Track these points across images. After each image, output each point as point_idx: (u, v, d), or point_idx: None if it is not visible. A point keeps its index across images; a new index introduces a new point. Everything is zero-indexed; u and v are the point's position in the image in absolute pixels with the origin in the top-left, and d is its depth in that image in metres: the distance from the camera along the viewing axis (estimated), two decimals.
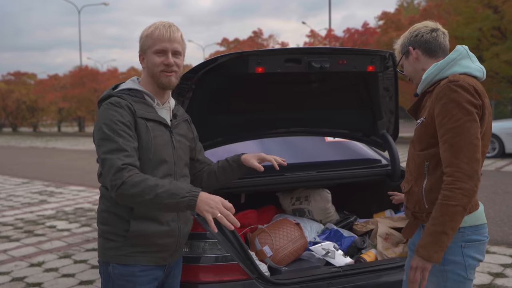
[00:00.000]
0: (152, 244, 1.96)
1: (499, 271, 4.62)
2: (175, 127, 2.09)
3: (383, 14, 20.33)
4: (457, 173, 1.83)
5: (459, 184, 1.82)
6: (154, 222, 1.94)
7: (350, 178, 3.22)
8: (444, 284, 1.99)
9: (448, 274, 1.98)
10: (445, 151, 1.88)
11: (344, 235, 3.01)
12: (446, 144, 1.87)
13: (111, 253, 1.96)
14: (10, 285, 4.50)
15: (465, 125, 1.85)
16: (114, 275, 1.96)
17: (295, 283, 2.46)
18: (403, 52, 2.18)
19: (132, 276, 1.95)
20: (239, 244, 2.44)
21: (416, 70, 2.15)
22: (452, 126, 1.86)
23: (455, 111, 1.87)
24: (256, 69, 2.60)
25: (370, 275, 2.59)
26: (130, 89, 2.04)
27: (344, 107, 3.33)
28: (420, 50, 2.12)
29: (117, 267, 1.95)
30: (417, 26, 2.17)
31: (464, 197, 1.82)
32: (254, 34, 30.59)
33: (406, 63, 2.19)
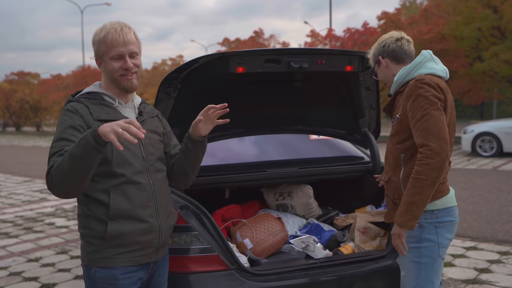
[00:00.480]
0: (133, 242, 1.95)
1: (485, 266, 4.72)
2: (141, 124, 2.05)
3: (383, 14, 20.39)
4: (426, 151, 2.10)
5: (427, 160, 2.09)
6: (131, 220, 1.93)
7: (332, 174, 3.34)
8: (419, 260, 2.29)
9: (422, 250, 2.28)
10: (417, 137, 2.15)
11: (324, 229, 3.13)
12: (418, 130, 2.15)
13: (92, 256, 1.95)
14: (7, 279, 4.63)
15: (431, 113, 2.12)
16: (96, 279, 1.95)
17: (272, 274, 2.57)
18: (375, 61, 2.50)
19: (115, 279, 1.94)
20: (219, 237, 2.55)
21: (387, 76, 2.46)
22: (421, 115, 2.14)
23: (422, 103, 2.15)
24: (237, 69, 2.72)
25: (346, 266, 2.70)
26: (89, 92, 2.07)
27: (327, 106, 3.44)
28: (388, 58, 2.43)
29: (99, 271, 1.95)
30: (384, 38, 2.47)
31: (432, 171, 2.08)
32: (255, 34, 30.70)
33: (378, 70, 2.51)
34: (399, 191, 2.32)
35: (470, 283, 4.30)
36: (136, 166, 1.97)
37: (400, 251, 2.28)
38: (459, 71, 19.15)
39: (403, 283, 2.41)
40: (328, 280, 2.62)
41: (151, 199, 2.00)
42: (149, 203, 1.99)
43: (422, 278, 2.30)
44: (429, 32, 18.11)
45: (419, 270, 2.30)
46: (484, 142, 13.68)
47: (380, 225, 3.09)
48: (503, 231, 6.05)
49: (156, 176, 2.05)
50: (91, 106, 1.98)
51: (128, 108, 2.09)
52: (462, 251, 5.24)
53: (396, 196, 2.36)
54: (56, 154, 1.83)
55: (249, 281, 2.50)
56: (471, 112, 40.99)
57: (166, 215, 2.08)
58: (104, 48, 1.99)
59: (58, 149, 1.84)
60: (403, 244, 2.24)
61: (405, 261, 2.35)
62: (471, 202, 7.77)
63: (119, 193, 1.92)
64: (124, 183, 1.93)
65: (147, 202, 1.98)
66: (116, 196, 1.91)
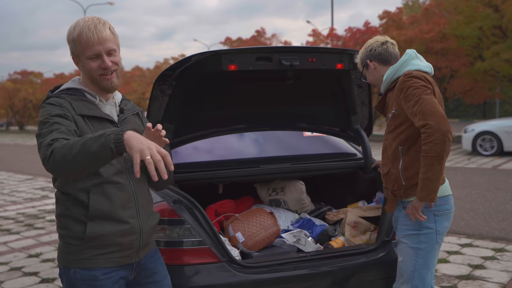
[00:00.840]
0: (112, 244, 1.88)
1: (479, 263, 4.77)
2: (122, 122, 2.00)
3: (384, 13, 20.42)
4: (427, 129, 2.23)
5: (430, 138, 2.23)
6: (111, 221, 1.86)
7: (324, 170, 3.40)
8: (417, 246, 2.44)
9: (421, 237, 2.44)
10: (418, 121, 2.28)
11: (316, 223, 3.19)
12: (416, 116, 2.28)
13: (71, 257, 1.88)
14: (8, 274, 4.71)
15: (423, 97, 2.28)
16: (76, 280, 1.88)
17: (263, 266, 2.63)
18: (363, 65, 2.66)
19: (95, 280, 1.88)
20: (211, 230, 2.62)
21: (376, 78, 2.63)
22: (415, 101, 2.30)
23: (414, 91, 2.32)
24: (229, 66, 2.77)
25: (335, 260, 2.76)
26: (69, 88, 1.99)
27: (320, 104, 3.50)
28: (376, 61, 2.60)
29: (78, 272, 1.88)
30: (369, 42, 2.66)
31: (436, 146, 2.22)
32: (257, 34, 30.76)
33: (367, 73, 2.67)
34: (398, 182, 2.47)
35: (463, 279, 4.36)
36: (116, 166, 1.90)
37: (418, 217, 2.40)
38: (460, 70, 19.17)
39: (401, 268, 2.52)
40: (317, 273, 2.68)
41: (131, 200, 1.93)
42: (129, 203, 1.92)
43: (420, 263, 2.44)
44: (430, 31, 18.13)
45: (417, 255, 2.44)
46: (484, 141, 13.71)
47: (370, 220, 3.15)
48: (499, 228, 6.10)
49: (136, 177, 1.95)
50: (73, 101, 1.91)
51: (109, 106, 2.02)
52: (457, 248, 5.29)
53: (395, 187, 2.50)
54: (55, 130, 1.74)
55: (240, 273, 2.56)
56: (473, 111, 40.96)
57: (147, 216, 2.00)
58: (79, 48, 1.89)
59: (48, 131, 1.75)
60: (419, 214, 2.38)
61: (403, 247, 2.50)
62: (469, 200, 7.82)
63: (99, 193, 1.85)
64: (104, 183, 1.86)
65: (127, 203, 1.91)
66: (96, 196, 1.84)
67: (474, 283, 4.27)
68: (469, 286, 4.21)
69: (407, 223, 2.48)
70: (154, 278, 2.08)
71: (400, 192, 2.50)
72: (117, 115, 2.01)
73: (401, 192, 2.49)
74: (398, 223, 2.58)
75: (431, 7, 19.58)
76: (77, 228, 1.85)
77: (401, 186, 2.47)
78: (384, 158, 2.61)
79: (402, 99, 2.38)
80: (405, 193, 2.48)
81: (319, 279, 2.69)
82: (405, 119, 2.42)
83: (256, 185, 3.66)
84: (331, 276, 2.71)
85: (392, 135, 2.51)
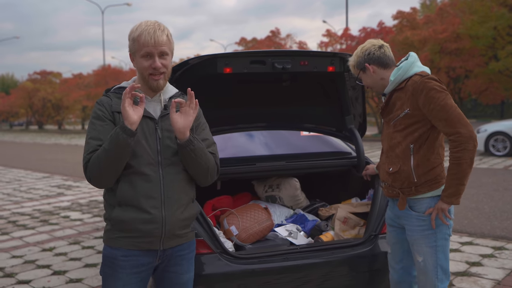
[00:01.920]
0: (133, 229, 2.05)
1: (477, 260, 4.86)
2: (162, 118, 2.14)
3: (398, 13, 20.41)
4: (459, 138, 2.37)
5: (463, 145, 2.36)
6: (133, 209, 2.03)
7: (317, 168, 3.55)
8: (435, 244, 2.57)
9: (437, 235, 2.57)
10: (444, 126, 2.40)
11: (308, 218, 3.34)
12: (442, 121, 2.40)
13: (105, 235, 2.14)
14: (22, 266, 4.96)
15: (447, 102, 2.40)
16: (103, 256, 2.14)
17: (254, 257, 2.80)
18: (360, 68, 2.71)
19: (115, 259, 2.08)
20: (206, 223, 2.79)
21: (375, 81, 2.71)
22: (440, 106, 2.39)
23: (437, 95, 2.41)
24: (224, 69, 2.95)
25: (323, 252, 2.91)
26: (120, 87, 2.21)
27: (316, 104, 3.65)
28: (374, 65, 2.67)
29: (106, 248, 2.13)
30: (366, 46, 2.72)
31: (469, 153, 2.37)
32: (272, 34, 30.91)
33: (364, 76, 2.73)
34: (410, 179, 2.55)
35: (459, 275, 4.46)
36: (144, 158, 2.06)
37: (444, 222, 2.53)
38: (475, 70, 19.04)
39: (423, 267, 2.60)
40: (306, 264, 2.83)
41: (157, 191, 2.05)
42: (154, 194, 2.05)
43: (441, 258, 2.58)
44: (444, 31, 18.08)
45: (437, 252, 2.57)
46: (497, 142, 13.65)
47: (361, 215, 3.30)
48: (501, 227, 6.16)
49: (170, 169, 2.10)
50: (115, 99, 2.14)
51: (153, 102, 2.18)
52: (458, 246, 5.38)
53: (405, 185, 2.57)
54: (89, 151, 2.03)
55: (232, 264, 2.73)
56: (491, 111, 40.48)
57: (175, 208, 2.09)
58: (136, 46, 2.09)
59: (92, 148, 2.04)
60: (447, 216, 2.52)
61: (422, 247, 2.59)
62: (475, 200, 7.87)
63: (126, 182, 2.04)
64: (132, 174, 2.04)
65: (152, 193, 2.04)
66: (123, 184, 2.04)
67: (469, 279, 4.37)
68: (464, 282, 4.31)
69: (421, 223, 2.56)
70: (176, 269, 2.21)
71: (410, 190, 2.56)
72: (160, 111, 2.17)
73: (412, 190, 2.56)
74: (411, 223, 2.61)
75: (445, 6, 19.50)
76: (109, 211, 2.10)
77: (412, 183, 2.54)
78: (391, 157, 2.64)
79: (422, 101, 2.44)
80: (415, 190, 2.55)
81: (307, 270, 2.84)
82: (419, 118, 2.50)
83: (254, 182, 3.83)
84: (318, 267, 2.86)
85: (402, 133, 2.57)
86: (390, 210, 2.79)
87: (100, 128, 2.06)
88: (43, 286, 4.39)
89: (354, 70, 2.77)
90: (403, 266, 2.79)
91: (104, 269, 2.15)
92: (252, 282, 2.77)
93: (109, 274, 2.12)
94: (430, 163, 2.54)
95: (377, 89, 2.74)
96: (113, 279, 2.10)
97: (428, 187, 2.55)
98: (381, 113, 2.77)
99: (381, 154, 2.82)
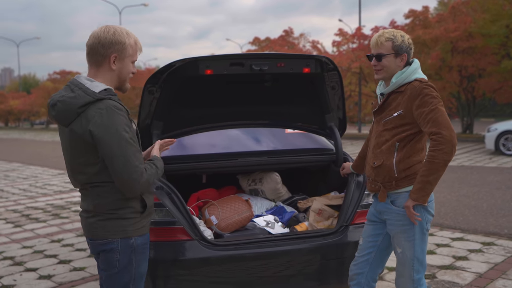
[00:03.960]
0: (152, 211, 2.37)
1: (464, 255, 5.01)
2: None
3: (410, 12, 20.38)
4: (439, 138, 2.48)
5: (441, 146, 2.48)
6: (151, 195, 2.35)
7: (297, 163, 3.78)
8: (413, 238, 2.71)
9: (416, 228, 2.70)
10: (430, 127, 2.52)
11: (287, 210, 3.57)
12: (430, 122, 2.52)
13: (132, 228, 2.23)
14: (31, 256, 5.29)
15: (439, 107, 2.54)
16: (137, 246, 2.25)
17: (230, 244, 3.04)
18: (398, 51, 2.70)
19: (147, 243, 2.34)
20: (186, 212, 3.05)
21: (395, 70, 2.74)
22: (430, 109, 2.53)
23: (430, 100, 2.56)
24: (205, 71, 3.20)
25: (295, 241, 3.14)
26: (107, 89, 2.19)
27: (297, 104, 3.88)
28: (407, 60, 2.77)
29: (138, 239, 2.26)
30: (410, 40, 2.79)
31: (444, 155, 2.48)
32: (285, 33, 31.08)
33: (392, 60, 2.72)
34: (391, 174, 2.70)
35: (443, 269, 4.62)
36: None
37: (413, 221, 2.66)
38: (488, 69, 18.93)
39: (401, 258, 2.78)
40: (278, 251, 3.07)
41: None
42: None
43: (417, 250, 2.74)
44: (455, 30, 18.02)
45: (414, 245, 2.72)
46: (507, 141, 13.64)
47: (336, 208, 3.51)
48: (495, 224, 6.29)
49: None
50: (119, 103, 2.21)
51: None
52: (448, 241, 5.53)
53: (386, 179, 2.72)
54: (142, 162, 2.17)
55: (209, 250, 2.98)
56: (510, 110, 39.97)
57: None
58: (131, 51, 2.22)
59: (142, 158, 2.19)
60: (413, 214, 2.63)
61: (401, 240, 2.75)
62: (475, 198, 7.98)
63: None
64: None
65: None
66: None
67: (453, 272, 4.53)
68: (447, 275, 4.48)
69: (401, 218, 2.71)
70: None
71: (391, 184, 2.71)
72: None
73: (392, 184, 2.71)
74: (391, 218, 2.77)
75: (457, 5, 19.41)
76: (136, 205, 2.23)
77: (393, 177, 2.69)
78: (376, 153, 2.78)
79: (416, 104, 2.57)
80: (395, 185, 2.70)
81: (280, 257, 3.07)
82: (410, 121, 2.63)
83: (238, 176, 4.08)
84: (290, 254, 3.09)
85: (391, 132, 2.71)
86: (373, 206, 2.95)
87: (135, 137, 2.18)
88: (48, 273, 4.70)
89: (388, 45, 2.69)
90: (368, 259, 2.91)
91: (137, 257, 2.26)
92: (229, 267, 3.01)
93: (143, 258, 2.31)
94: (410, 160, 2.70)
95: (384, 78, 2.78)
96: (145, 261, 2.33)
97: (407, 181, 2.71)
98: (375, 111, 2.87)
99: (368, 151, 2.96)
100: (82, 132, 2.09)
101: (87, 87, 2.15)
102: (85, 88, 2.14)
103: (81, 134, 2.09)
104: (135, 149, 2.12)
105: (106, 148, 2.07)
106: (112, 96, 2.16)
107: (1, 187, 10.45)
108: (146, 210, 2.29)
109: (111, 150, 2.07)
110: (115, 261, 2.22)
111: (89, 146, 2.11)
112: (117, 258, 2.21)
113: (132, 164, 2.08)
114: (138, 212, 2.25)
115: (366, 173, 2.93)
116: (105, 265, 2.25)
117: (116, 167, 2.08)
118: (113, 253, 2.22)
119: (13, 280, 4.57)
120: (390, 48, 2.70)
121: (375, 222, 2.93)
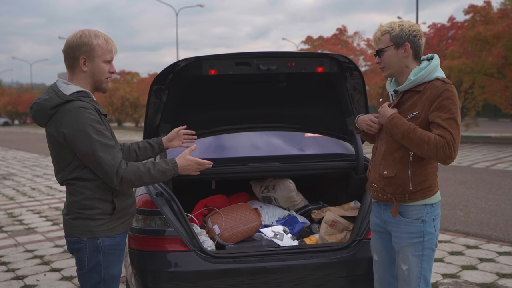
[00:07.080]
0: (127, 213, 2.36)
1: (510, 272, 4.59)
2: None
3: (470, 7, 19.27)
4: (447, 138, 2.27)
5: (440, 144, 2.27)
6: (128, 197, 2.36)
7: (312, 170, 3.49)
8: (422, 253, 2.48)
9: (425, 244, 2.48)
10: (440, 132, 2.29)
11: (299, 220, 3.31)
12: (440, 128, 2.30)
13: (100, 229, 2.26)
14: (60, 255, 5.38)
15: (456, 119, 2.33)
16: (104, 247, 2.27)
17: (229, 257, 2.83)
18: (397, 41, 2.43)
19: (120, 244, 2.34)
20: (185, 221, 2.87)
21: (400, 65, 2.47)
22: (448, 117, 2.30)
23: (450, 106, 2.32)
24: (209, 71, 3.01)
25: (301, 255, 2.88)
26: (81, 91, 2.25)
27: (315, 105, 3.61)
28: (412, 50, 2.45)
29: (106, 240, 2.27)
30: (416, 27, 2.48)
31: (435, 147, 2.28)
32: (339, 32, 30.37)
33: (393, 53, 2.45)
34: (405, 187, 2.43)
35: (484, 287, 4.22)
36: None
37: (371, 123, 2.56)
38: None
39: (407, 276, 2.51)
40: (281, 266, 2.82)
41: None
42: None
43: (425, 268, 2.49)
44: None
45: (422, 261, 2.48)
46: None
47: (352, 219, 3.21)
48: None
49: None
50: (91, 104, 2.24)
51: None
52: (493, 256, 5.14)
53: (399, 191, 2.45)
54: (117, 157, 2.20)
55: (206, 262, 2.79)
56: None
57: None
58: (100, 51, 2.25)
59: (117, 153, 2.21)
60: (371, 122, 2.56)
61: (407, 256, 2.49)
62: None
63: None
64: None
65: None
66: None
67: None
68: None
69: (410, 230, 2.47)
70: None
71: (403, 197, 2.45)
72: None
73: (406, 196, 2.45)
74: (399, 230, 2.52)
75: None
76: (105, 206, 2.27)
77: (407, 190, 2.44)
78: (388, 161, 2.49)
79: (434, 106, 2.34)
80: (409, 198, 2.45)
81: (281, 273, 2.83)
82: (426, 123, 2.37)
83: (251, 182, 3.85)
84: (294, 270, 2.84)
85: None
86: (376, 215, 2.67)
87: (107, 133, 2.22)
88: (71, 274, 4.69)
89: (385, 38, 2.45)
90: (392, 275, 2.67)
91: (105, 258, 2.28)
92: (226, 281, 2.81)
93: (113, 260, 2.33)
94: (427, 172, 2.45)
95: (391, 74, 2.53)
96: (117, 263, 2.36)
97: (421, 195, 2.46)
98: None
99: (374, 153, 2.63)
100: (56, 134, 2.19)
101: (60, 89, 2.24)
102: (57, 91, 2.23)
103: (56, 136, 2.20)
104: (105, 146, 2.17)
105: (77, 148, 2.18)
106: (82, 97, 2.23)
107: (50, 184, 10.78)
108: (116, 213, 2.30)
109: (80, 149, 2.17)
110: (84, 260, 2.29)
111: (62, 146, 2.20)
112: (85, 257, 2.28)
113: (104, 162, 2.16)
114: (107, 214, 2.28)
115: (372, 179, 2.60)
116: (77, 264, 2.34)
117: (92, 165, 2.20)
118: (82, 252, 2.28)
119: (36, 280, 4.59)
120: (388, 41, 2.45)
121: (381, 233, 2.66)
